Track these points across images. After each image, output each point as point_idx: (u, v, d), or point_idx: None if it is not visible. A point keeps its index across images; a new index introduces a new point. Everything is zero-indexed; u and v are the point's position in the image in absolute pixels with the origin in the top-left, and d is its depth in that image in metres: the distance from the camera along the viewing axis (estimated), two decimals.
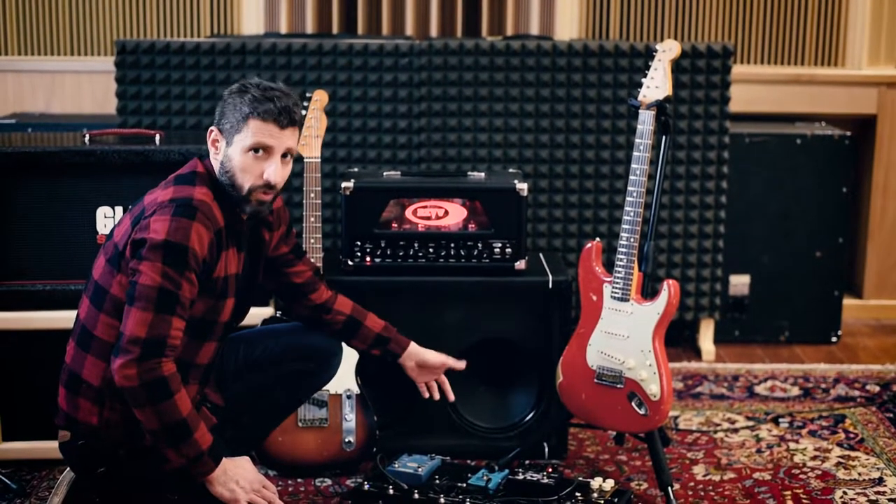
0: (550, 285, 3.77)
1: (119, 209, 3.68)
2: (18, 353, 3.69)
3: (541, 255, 4.06)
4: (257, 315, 3.59)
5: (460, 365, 3.53)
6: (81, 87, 5.30)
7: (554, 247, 4.66)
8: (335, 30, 5.23)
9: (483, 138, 4.62)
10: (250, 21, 5.20)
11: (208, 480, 2.90)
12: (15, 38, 5.28)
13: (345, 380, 3.67)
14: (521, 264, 3.80)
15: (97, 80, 5.25)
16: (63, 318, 3.65)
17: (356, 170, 4.03)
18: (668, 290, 3.46)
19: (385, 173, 3.93)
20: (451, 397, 3.56)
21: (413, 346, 3.48)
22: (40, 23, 5.29)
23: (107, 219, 3.67)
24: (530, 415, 3.87)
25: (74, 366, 2.99)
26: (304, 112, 3.66)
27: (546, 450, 3.81)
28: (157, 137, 3.77)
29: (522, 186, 3.77)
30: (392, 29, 5.21)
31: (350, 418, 3.69)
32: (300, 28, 5.20)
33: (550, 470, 3.55)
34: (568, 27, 5.15)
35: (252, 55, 4.57)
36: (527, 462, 3.75)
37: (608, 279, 3.56)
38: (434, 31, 5.21)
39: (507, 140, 4.62)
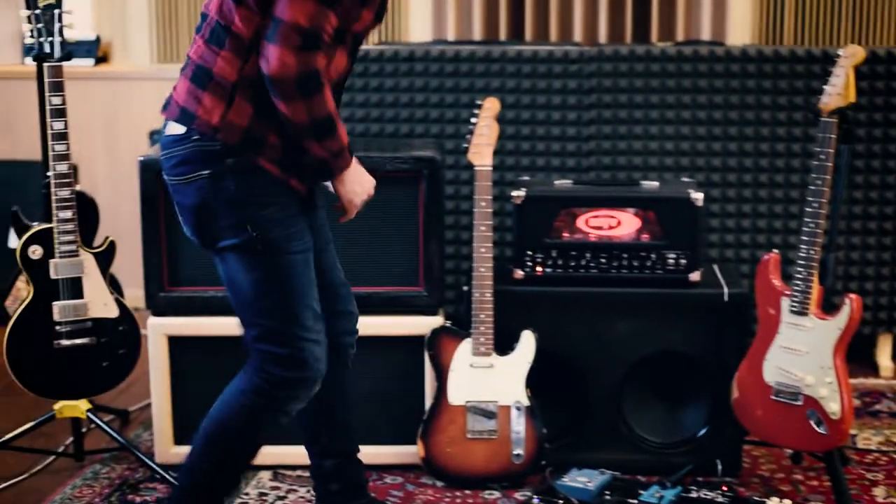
0: (726, 298, 3.67)
1: None
2: (191, 358, 3.74)
3: (714, 266, 3.96)
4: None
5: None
6: None
7: (726, 258, 4.54)
8: (503, 36, 5.19)
9: (654, 146, 4.53)
10: (417, 28, 5.19)
11: (340, 178, 2.91)
12: (188, 47, 5.35)
13: (514, 392, 3.63)
14: (695, 276, 3.71)
15: None
16: (234, 324, 3.66)
17: (526, 178, 3.97)
18: (851, 304, 3.33)
19: (556, 182, 3.87)
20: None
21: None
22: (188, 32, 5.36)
23: None
24: (703, 431, 3.76)
25: (204, 61, 2.79)
26: (474, 120, 3.62)
27: (719, 467, 3.70)
28: None
29: (698, 196, 3.68)
30: (560, 35, 5.15)
31: (519, 430, 3.64)
32: (467, 35, 5.18)
33: (725, 488, 3.45)
34: (740, 32, 5.03)
35: (420, 62, 4.55)
36: (699, 479, 3.65)
37: (787, 292, 3.45)
38: (603, 36, 5.13)
39: (678, 148, 4.53)
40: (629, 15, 5.09)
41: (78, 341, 3.65)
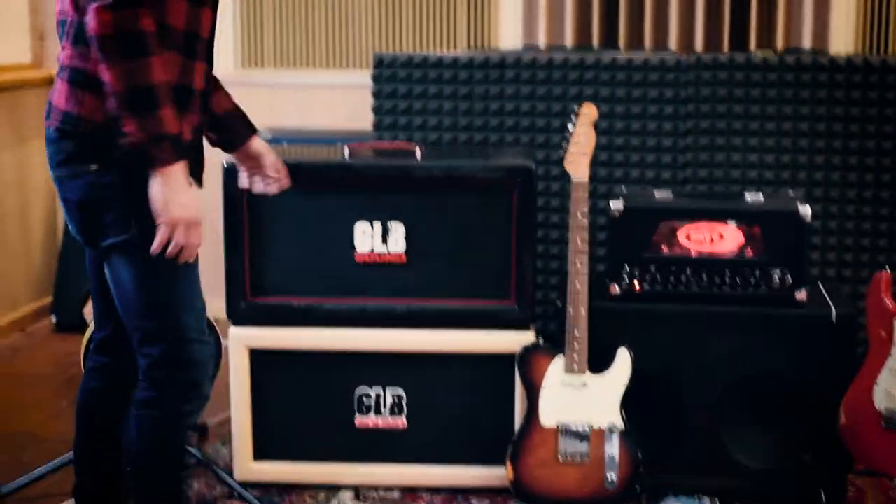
0: (834, 319, 3.48)
1: (378, 225, 3.56)
2: (274, 372, 3.62)
3: (820, 284, 3.78)
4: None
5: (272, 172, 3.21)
6: (335, 101, 5.26)
7: (828, 277, 4.34)
8: (595, 43, 5.03)
9: (753, 158, 4.34)
10: (508, 34, 5.06)
11: (160, 176, 2.57)
12: (272, 52, 5.28)
13: (608, 413, 3.47)
14: (801, 295, 3.53)
15: (352, 94, 5.19)
16: (319, 337, 3.58)
17: (623, 189, 3.82)
18: None
19: (656, 193, 3.71)
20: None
21: (254, 143, 3.16)
22: (297, 35, 5.28)
23: (364, 235, 3.57)
24: (806, 458, 3.57)
25: (78, 63, 2.66)
26: (570, 127, 3.47)
27: (823, 497, 3.52)
28: (418, 152, 3.64)
29: (806, 210, 3.50)
30: (655, 42, 4.99)
31: (613, 454, 3.48)
32: (559, 41, 5.03)
33: None
34: (843, 40, 4.83)
35: (511, 69, 4.41)
36: None
37: None
38: (699, 44, 4.96)
39: (778, 161, 4.33)
40: (727, 21, 4.91)
41: None
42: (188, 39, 2.74)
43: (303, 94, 5.25)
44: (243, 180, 3.42)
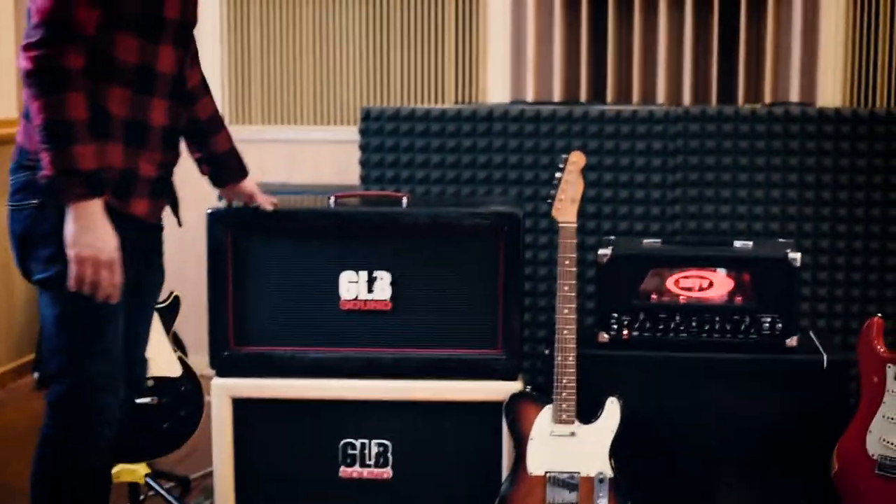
0: (825, 365, 3.43)
1: (364, 274, 3.52)
2: (257, 423, 3.56)
3: (811, 332, 3.74)
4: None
5: (267, 206, 3.40)
6: (323, 156, 5.24)
7: (818, 328, 4.29)
8: (583, 98, 5.03)
9: (742, 210, 4.32)
10: (496, 89, 5.05)
11: (73, 209, 2.59)
12: (260, 108, 5.27)
13: (597, 462, 3.40)
14: (792, 341, 3.49)
15: (339, 149, 5.18)
16: (303, 387, 3.52)
17: (612, 238, 3.79)
18: None
19: (644, 241, 3.68)
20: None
21: (246, 183, 3.34)
22: (284, 92, 5.27)
23: (350, 283, 3.52)
24: None
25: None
26: (558, 174, 3.45)
27: None
28: (405, 200, 3.61)
29: (795, 256, 3.47)
30: (643, 97, 4.98)
31: None
32: (547, 97, 5.02)
33: None
34: (831, 94, 4.83)
35: (499, 122, 4.39)
36: None
37: (892, 359, 3.22)
38: (687, 99, 4.96)
39: (767, 213, 4.31)
40: (714, 76, 4.91)
41: (138, 401, 3.48)
42: (142, 75, 2.76)
43: (290, 150, 5.23)
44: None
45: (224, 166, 3.27)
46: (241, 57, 5.25)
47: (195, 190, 5.00)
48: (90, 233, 2.62)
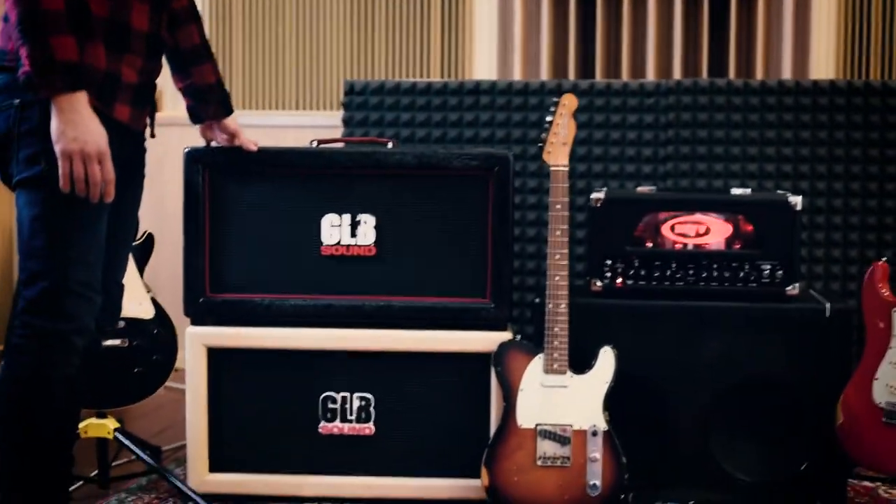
0: (828, 313, 3.29)
1: (347, 217, 3.37)
2: (232, 372, 3.39)
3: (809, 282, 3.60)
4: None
5: (250, 147, 3.29)
6: (304, 141, 5.10)
7: (815, 273, 4.14)
8: (572, 77, 4.92)
9: (735, 185, 4.19)
10: (481, 69, 4.95)
11: (57, 102, 2.49)
12: (241, 93, 5.15)
13: (591, 415, 3.24)
14: (793, 289, 3.35)
15: (321, 134, 5.04)
16: (281, 336, 3.36)
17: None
18: None
19: (638, 189, 3.55)
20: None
21: (229, 121, 3.22)
22: (267, 77, 5.16)
23: (333, 227, 3.38)
24: (801, 466, 3.34)
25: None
26: (549, 117, 3.32)
27: None
28: (390, 145, 3.47)
29: (796, 200, 3.34)
30: (632, 75, 4.88)
31: (596, 457, 3.24)
32: (534, 76, 4.92)
33: None
34: (824, 69, 4.73)
35: (486, 95, 4.28)
36: None
37: None
38: (677, 76, 4.85)
39: (761, 188, 4.19)
40: (705, 53, 4.81)
41: (109, 343, 3.30)
42: None
43: (272, 136, 5.09)
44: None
45: (206, 100, 3.14)
46: (223, 42, 5.14)
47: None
48: (76, 126, 2.51)
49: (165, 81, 3.11)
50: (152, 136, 2.91)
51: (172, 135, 3.79)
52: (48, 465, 2.70)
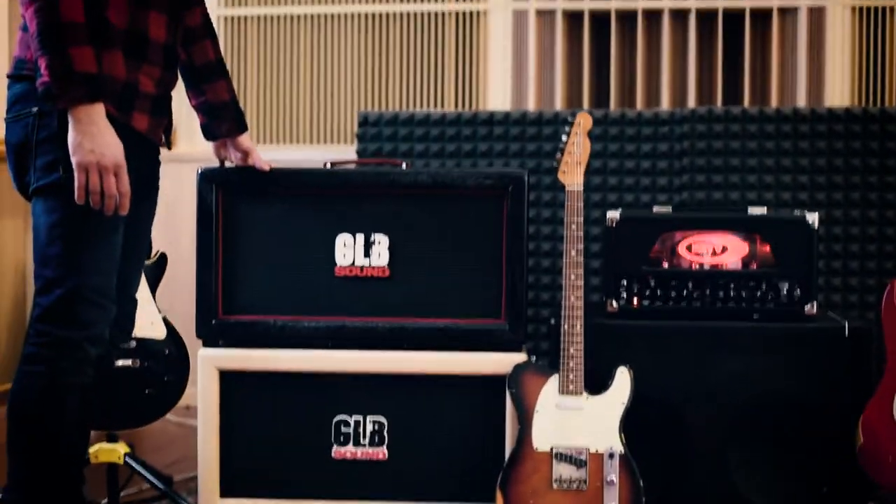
0: (847, 332, 3.25)
1: (360, 237, 3.35)
2: (245, 395, 3.35)
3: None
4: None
5: (263, 166, 3.26)
6: None
7: (833, 286, 4.11)
8: (585, 107, 4.92)
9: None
10: (496, 100, 4.94)
11: (74, 113, 2.49)
12: (255, 128, 5.15)
13: (607, 437, 3.20)
14: (811, 308, 3.31)
15: None
16: (294, 358, 3.33)
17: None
18: None
19: (654, 208, 3.52)
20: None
21: (242, 139, 3.20)
22: (281, 112, 5.16)
23: (346, 248, 3.35)
24: (822, 490, 3.29)
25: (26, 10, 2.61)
26: (564, 137, 3.31)
27: None
28: (404, 166, 3.46)
29: (813, 217, 3.31)
30: (646, 104, 4.87)
31: (613, 481, 3.19)
32: (549, 107, 4.91)
33: None
34: (838, 96, 4.72)
35: (500, 125, 4.28)
36: None
37: None
38: (692, 106, 4.84)
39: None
40: (719, 82, 4.80)
41: (120, 363, 3.27)
42: None
43: None
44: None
45: (220, 118, 3.13)
46: (237, 76, 5.15)
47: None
48: (93, 138, 2.51)
49: (179, 118, 3.11)
50: (168, 147, 2.91)
51: (187, 172, 3.83)
52: (60, 476, 2.67)
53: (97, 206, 2.54)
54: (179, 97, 3.05)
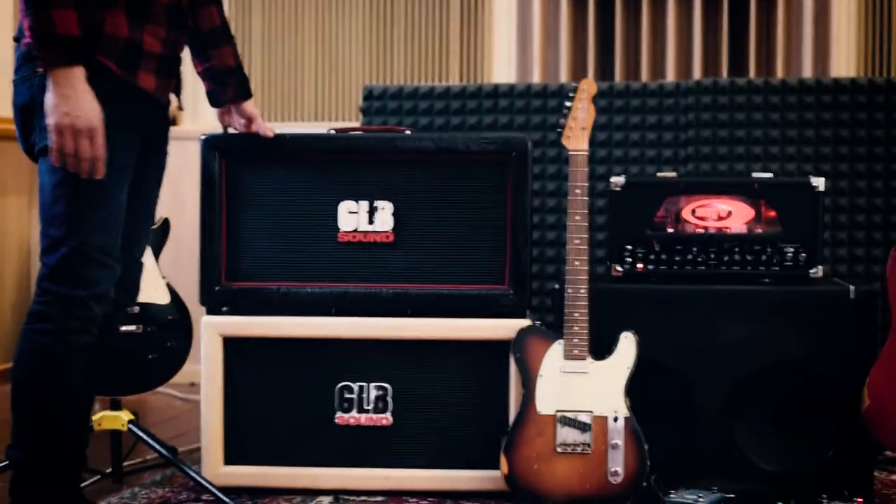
0: (853, 295, 3.23)
1: (364, 203, 3.34)
2: (248, 362, 3.35)
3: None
4: None
5: (267, 132, 3.24)
6: None
7: (839, 256, 4.09)
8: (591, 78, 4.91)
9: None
10: (501, 73, 4.93)
11: (52, 75, 2.48)
12: (260, 105, 5.15)
13: (612, 401, 3.18)
14: (817, 272, 3.30)
15: None
16: (298, 325, 3.32)
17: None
18: None
19: (659, 173, 3.51)
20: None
21: (247, 105, 3.19)
22: (286, 88, 5.16)
23: (350, 214, 3.34)
24: (828, 454, 3.27)
25: None
26: (568, 103, 3.29)
27: (847, 495, 3.20)
28: (408, 132, 3.45)
29: (819, 181, 3.29)
30: (651, 77, 4.86)
31: (617, 445, 3.18)
32: (554, 79, 4.90)
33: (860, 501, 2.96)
34: (844, 67, 4.70)
35: (504, 98, 4.26)
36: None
37: None
38: (697, 77, 4.83)
39: None
40: (724, 53, 4.79)
41: (123, 328, 3.27)
42: None
43: None
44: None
45: (225, 83, 3.12)
46: (243, 54, 5.14)
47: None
48: (69, 101, 2.51)
49: (184, 96, 3.10)
50: (180, 108, 2.91)
51: (192, 148, 3.83)
52: (64, 434, 2.67)
53: (73, 169, 2.53)
54: (185, 72, 3.04)
